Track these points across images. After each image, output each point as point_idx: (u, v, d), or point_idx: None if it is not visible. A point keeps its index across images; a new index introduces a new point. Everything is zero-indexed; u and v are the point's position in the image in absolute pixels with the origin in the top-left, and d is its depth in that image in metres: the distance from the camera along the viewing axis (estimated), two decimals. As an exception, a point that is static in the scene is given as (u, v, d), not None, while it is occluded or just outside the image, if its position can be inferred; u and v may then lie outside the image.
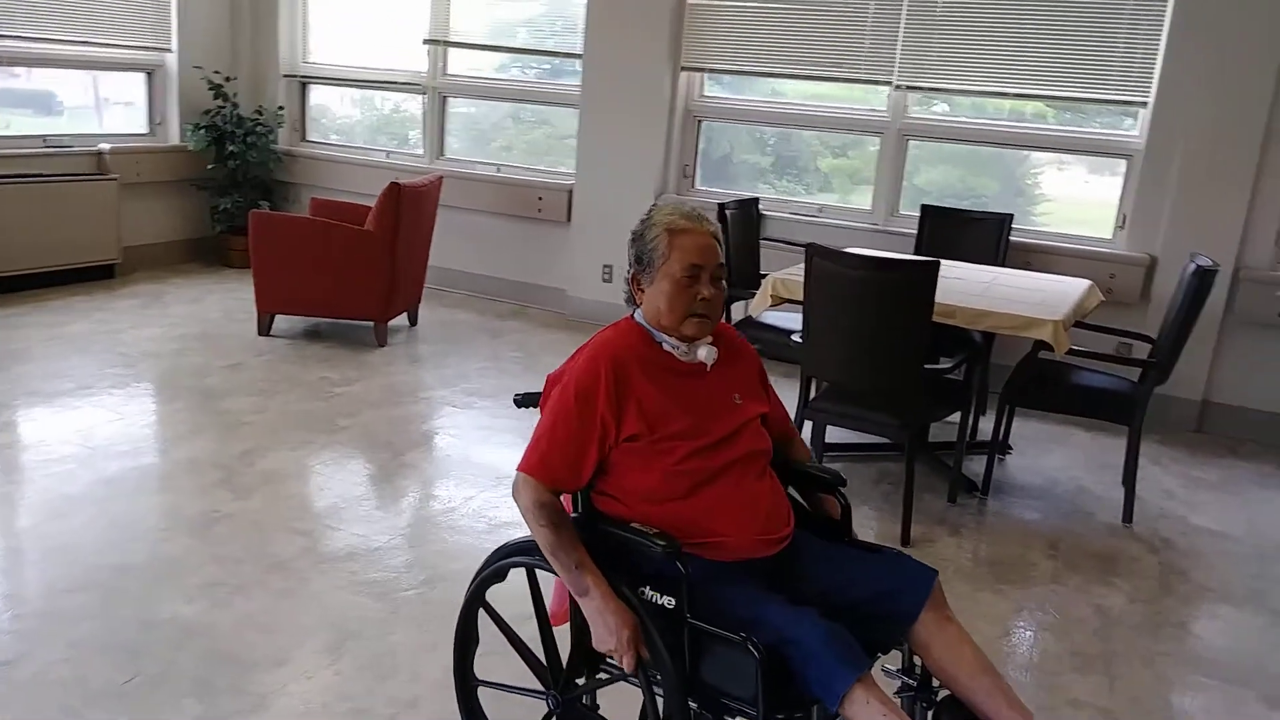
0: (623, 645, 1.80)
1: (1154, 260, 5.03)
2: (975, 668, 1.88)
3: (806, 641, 1.72)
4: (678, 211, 2.02)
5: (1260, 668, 2.96)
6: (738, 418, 2.00)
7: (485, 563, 2.13)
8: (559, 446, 1.92)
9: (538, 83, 6.70)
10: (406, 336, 5.76)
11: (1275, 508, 4.20)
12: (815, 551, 2.02)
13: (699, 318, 1.98)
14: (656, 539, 1.82)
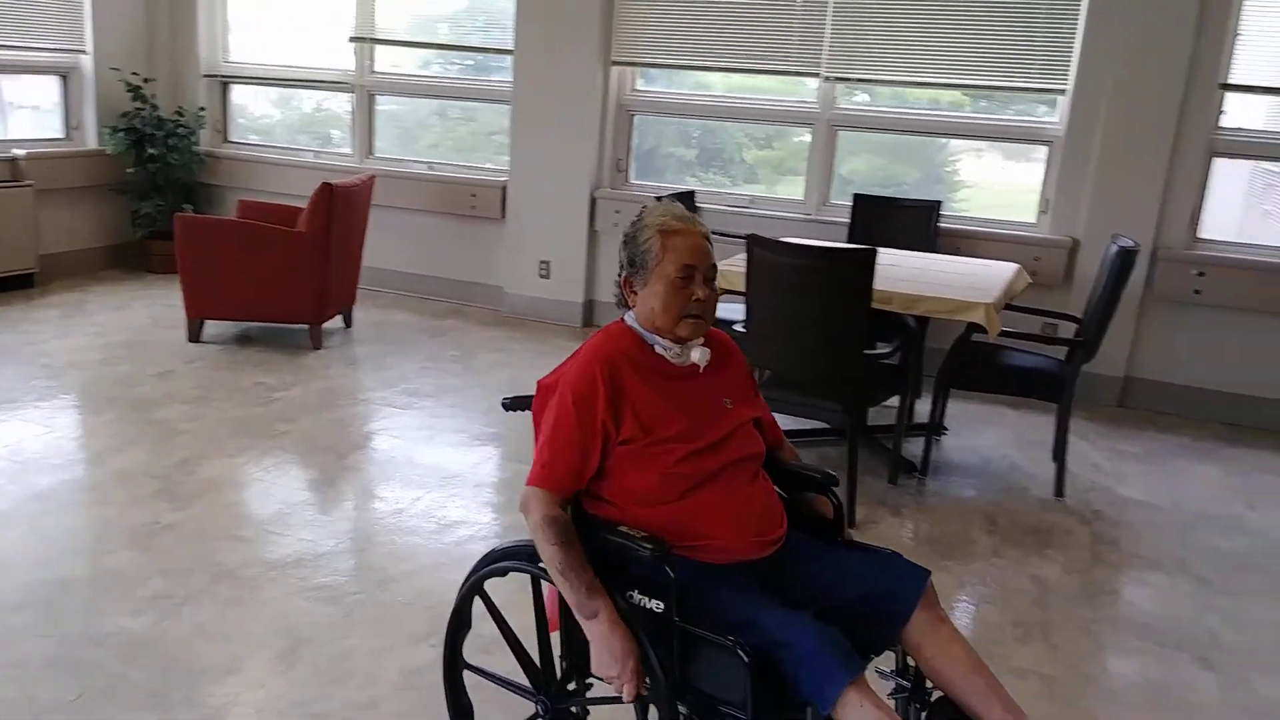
0: (626, 675, 1.77)
1: (1076, 243, 5.19)
2: (967, 667, 1.88)
3: (799, 644, 1.71)
4: (669, 213, 2.01)
5: (1190, 630, 3.09)
6: (730, 421, 2.00)
7: (475, 567, 2.11)
8: (562, 454, 1.91)
9: (468, 79, 6.66)
10: (342, 339, 5.69)
11: (1196, 477, 4.38)
12: (808, 553, 2.01)
13: (693, 318, 1.98)
14: (644, 542, 1.81)
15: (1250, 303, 4.98)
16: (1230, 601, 3.28)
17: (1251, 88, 5.01)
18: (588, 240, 6.11)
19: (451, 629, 2.15)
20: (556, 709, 2.04)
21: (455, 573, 3.12)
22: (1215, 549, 3.66)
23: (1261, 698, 2.74)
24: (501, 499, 3.76)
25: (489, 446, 4.24)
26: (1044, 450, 4.37)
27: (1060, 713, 2.61)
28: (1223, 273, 4.99)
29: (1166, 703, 2.70)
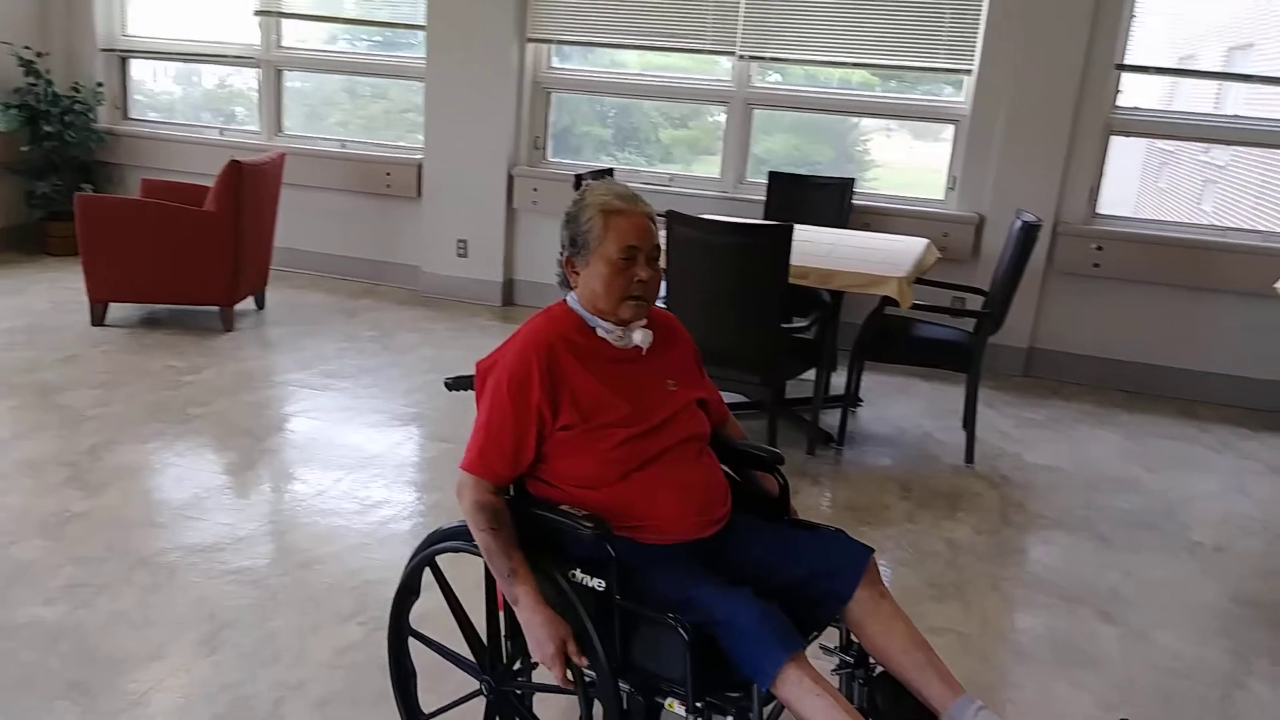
0: (548, 660, 1.79)
1: (982, 219, 5.36)
2: (908, 643, 1.90)
3: (738, 622, 1.72)
4: (611, 192, 1.98)
5: (1092, 585, 3.25)
6: (674, 403, 1.99)
7: (420, 545, 2.09)
8: (496, 440, 1.89)
9: (379, 55, 6.54)
10: (255, 320, 5.57)
11: (1097, 442, 4.58)
12: (753, 531, 2.02)
13: (636, 300, 1.95)
14: (584, 521, 1.81)
15: (1146, 275, 5.21)
16: (1129, 558, 3.45)
17: (1146, 68, 5.23)
18: (506, 219, 6.08)
19: (400, 596, 2.12)
20: (500, 690, 2.03)
21: (380, 552, 3.14)
22: (1115, 509, 3.84)
23: (1158, 647, 2.90)
24: (424, 478, 3.74)
25: (410, 426, 4.22)
26: (954, 419, 4.51)
27: (974, 667, 2.72)
28: (1120, 247, 5.21)
29: (1071, 655, 2.84)
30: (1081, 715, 2.56)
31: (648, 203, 2.01)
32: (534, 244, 6.13)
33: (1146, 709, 2.60)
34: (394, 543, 3.21)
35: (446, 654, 2.12)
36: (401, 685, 2.20)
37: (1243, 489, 4.13)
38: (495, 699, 2.04)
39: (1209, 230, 5.41)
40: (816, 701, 1.67)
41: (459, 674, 2.13)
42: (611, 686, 1.79)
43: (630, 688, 1.83)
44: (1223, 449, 4.59)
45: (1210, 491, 4.07)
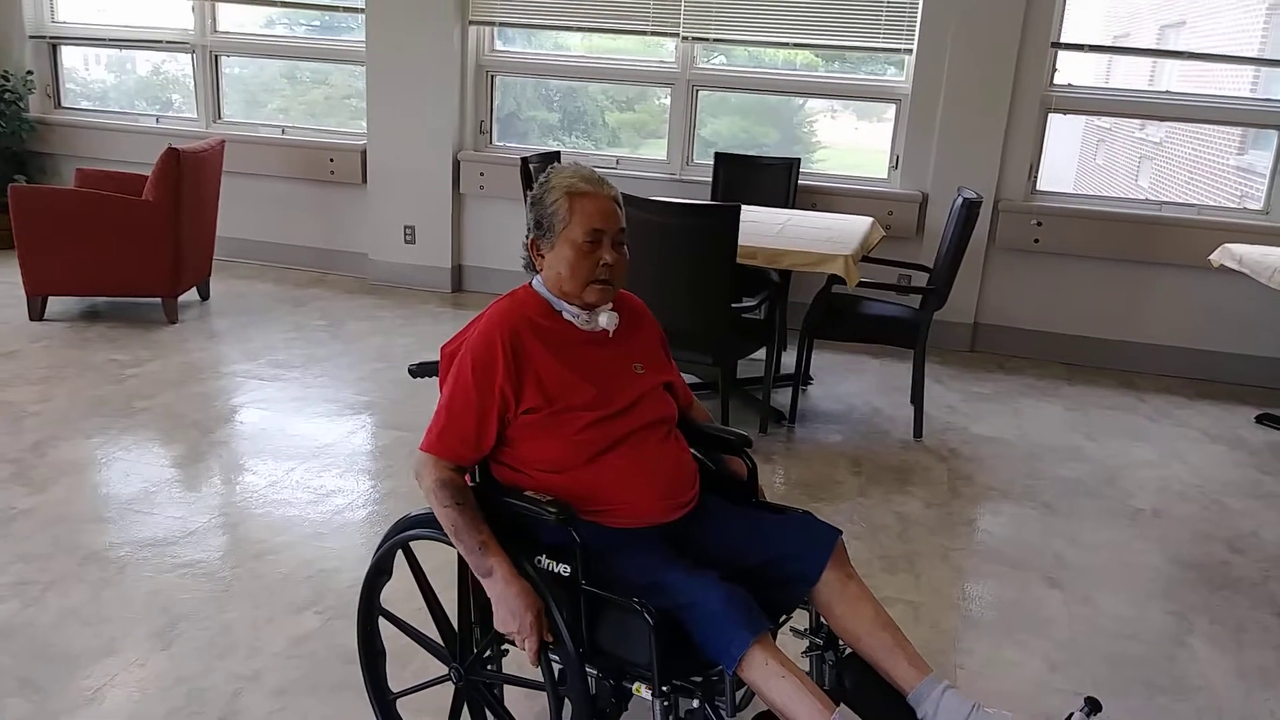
0: (525, 629, 1.77)
1: (925, 196, 5.44)
2: (875, 625, 1.90)
3: (704, 605, 1.72)
4: (577, 175, 1.96)
5: (1038, 552, 3.33)
6: (640, 386, 1.99)
7: (389, 533, 2.06)
8: (457, 422, 1.88)
9: (318, 39, 6.44)
10: (199, 311, 5.48)
11: (1040, 414, 4.69)
12: (721, 515, 2.02)
13: (601, 284, 1.94)
14: (549, 506, 1.80)
15: (1085, 250, 5.33)
16: (1072, 525, 3.55)
17: (1081, 46, 5.33)
18: (453, 204, 6.04)
19: (370, 576, 2.10)
20: (469, 679, 2.02)
21: (334, 541, 3.13)
22: (1058, 478, 3.94)
23: (1101, 610, 2.99)
24: (378, 466, 3.72)
25: (362, 415, 4.18)
26: (903, 395, 4.59)
27: (926, 635, 2.79)
28: (1059, 222, 5.32)
29: (1019, 620, 2.91)
30: (1030, 677, 2.64)
31: (614, 186, 2.00)
32: (482, 229, 6.09)
33: (1092, 670, 2.68)
34: (348, 531, 3.20)
35: (417, 637, 2.10)
36: (370, 664, 2.18)
37: (1179, 456, 4.25)
38: (464, 687, 2.03)
39: (1145, 205, 5.55)
40: (782, 684, 1.68)
41: (426, 657, 2.12)
42: (578, 671, 1.78)
43: (598, 673, 1.83)
44: (1160, 418, 4.73)
45: (1149, 459, 4.19)
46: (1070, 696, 2.56)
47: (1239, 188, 7.31)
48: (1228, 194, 7.60)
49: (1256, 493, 3.91)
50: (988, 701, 1.88)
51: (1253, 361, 5.23)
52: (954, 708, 1.78)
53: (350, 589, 2.85)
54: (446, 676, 2.05)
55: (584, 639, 1.80)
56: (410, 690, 2.16)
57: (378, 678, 2.20)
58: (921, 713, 1.81)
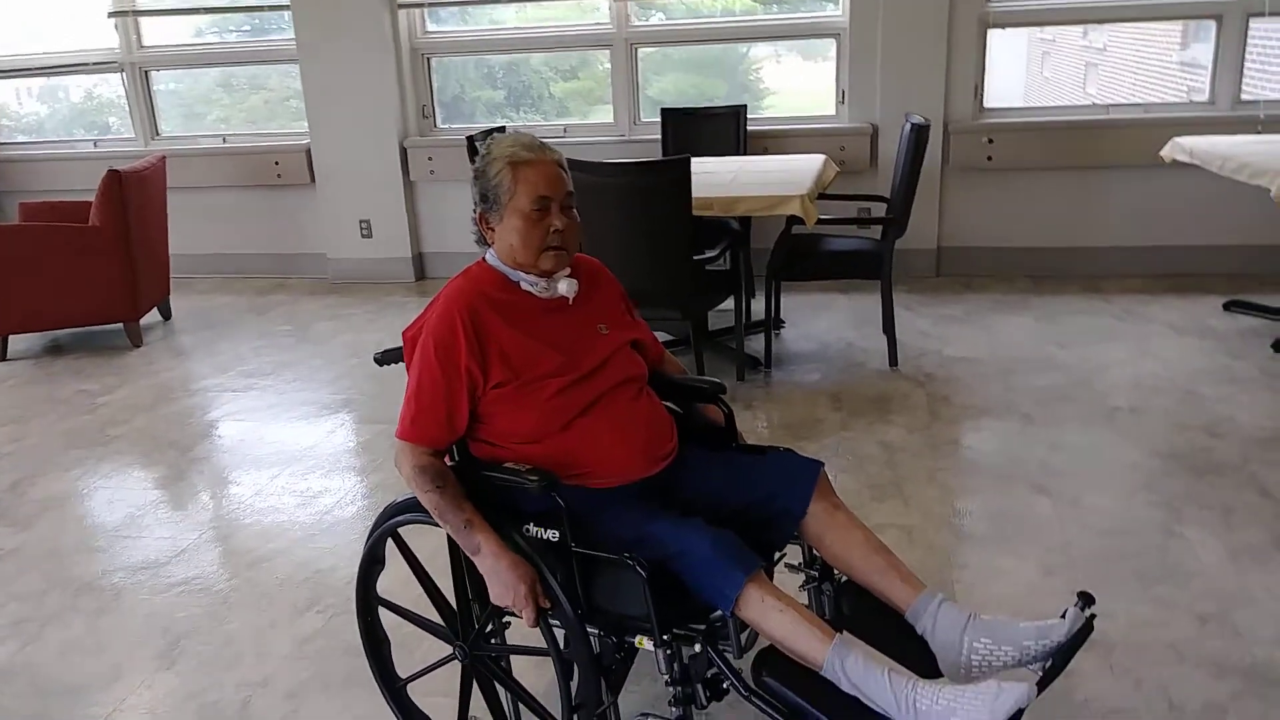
0: (520, 600, 1.78)
1: (875, 128, 5.43)
2: (867, 549, 1.91)
3: (693, 551, 1.72)
4: (518, 143, 1.93)
5: (1022, 462, 3.37)
6: (607, 347, 1.98)
7: (377, 521, 2.06)
8: (428, 406, 1.88)
9: (248, 42, 6.34)
10: (163, 332, 5.42)
11: (1010, 327, 4.72)
12: (701, 462, 2.02)
13: (554, 250, 1.92)
14: (529, 475, 1.80)
15: (1038, 162, 5.34)
16: (1053, 432, 3.59)
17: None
18: (405, 193, 5.98)
19: (364, 567, 2.10)
20: (474, 655, 2.02)
21: (327, 540, 3.12)
22: (1035, 388, 3.98)
23: (1089, 510, 3.04)
24: (362, 461, 3.71)
25: (340, 413, 4.17)
26: (875, 327, 4.60)
27: (921, 555, 2.82)
28: (1010, 137, 5.33)
29: (1010, 530, 2.95)
30: (1025, 583, 2.68)
31: (556, 150, 1.97)
32: (438, 215, 6.04)
33: (1086, 569, 2.73)
34: (340, 530, 3.19)
35: (418, 621, 2.10)
36: (375, 653, 2.18)
37: (1150, 352, 4.30)
38: (470, 663, 2.03)
39: (1094, 110, 5.58)
40: (781, 617, 1.69)
41: (432, 641, 2.12)
42: (580, 633, 1.79)
43: (600, 631, 1.84)
44: (1127, 317, 4.77)
45: (1120, 358, 4.24)
46: (1065, 596, 2.59)
47: (1185, 83, 7.33)
48: (1175, 91, 7.62)
49: (1229, 378, 3.96)
50: (985, 610, 1.91)
51: (1214, 251, 5.28)
52: (951, 619, 1.80)
53: (349, 585, 2.82)
54: (452, 656, 2.05)
55: (581, 600, 1.81)
56: (418, 674, 2.16)
57: (385, 666, 2.20)
58: (920, 628, 1.83)
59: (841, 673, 1.65)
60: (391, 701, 2.20)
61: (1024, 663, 1.75)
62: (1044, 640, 1.74)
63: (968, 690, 1.60)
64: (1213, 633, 2.43)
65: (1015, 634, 1.76)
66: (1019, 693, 1.56)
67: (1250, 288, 4.98)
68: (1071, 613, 1.76)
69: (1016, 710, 1.55)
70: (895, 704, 1.61)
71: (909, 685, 1.62)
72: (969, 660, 1.77)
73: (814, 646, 1.68)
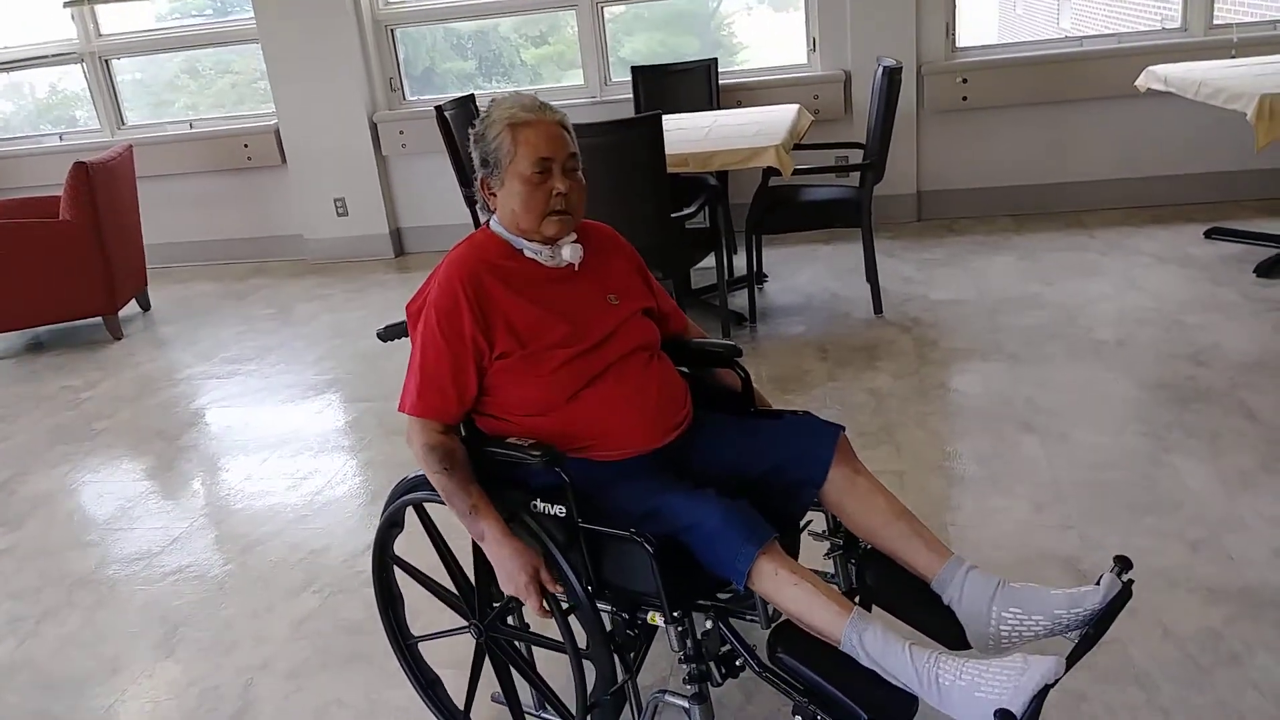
0: (521, 590, 1.74)
1: (848, 74, 5.38)
2: (889, 516, 1.83)
3: (704, 524, 1.67)
4: (517, 104, 1.86)
5: (1010, 401, 3.37)
6: (615, 317, 1.91)
7: (386, 503, 2.03)
8: (433, 379, 1.82)
9: (207, 24, 6.23)
10: (143, 323, 5.38)
11: (993, 267, 4.71)
12: (717, 429, 1.96)
13: (558, 215, 1.85)
14: (532, 450, 1.75)
15: (1014, 99, 5.30)
16: (1040, 370, 3.59)
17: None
18: (378, 168, 5.91)
19: (382, 530, 2.05)
20: (490, 635, 1.96)
21: (320, 521, 3.12)
22: (1020, 327, 3.98)
23: (1078, 445, 3.04)
24: (351, 440, 3.70)
25: (327, 393, 4.14)
26: (858, 275, 4.58)
27: (913, 500, 2.78)
28: (984, 76, 5.28)
29: (1001, 469, 2.96)
30: (1017, 521, 2.69)
31: (558, 109, 1.90)
32: (413, 188, 5.98)
33: (1077, 503, 2.73)
34: (332, 509, 3.18)
35: (433, 587, 2.05)
36: (388, 609, 2.14)
37: (1134, 283, 4.30)
38: (486, 642, 1.97)
39: (1067, 43, 5.51)
40: (795, 591, 1.63)
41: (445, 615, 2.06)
42: (590, 611, 1.75)
43: (612, 608, 1.80)
44: (1110, 250, 4.76)
45: (1105, 292, 4.23)
46: (1058, 531, 2.61)
47: (1157, 11, 7.27)
48: (1147, 19, 7.57)
49: (1213, 305, 3.96)
50: (979, 549, 1.92)
51: (1193, 179, 5.26)
52: (979, 587, 1.73)
53: (344, 564, 2.87)
54: (466, 629, 1.99)
55: (590, 577, 1.77)
56: (431, 636, 2.11)
57: (398, 621, 2.15)
58: (947, 598, 1.76)
59: (860, 647, 1.59)
60: (402, 656, 2.16)
61: (1056, 633, 1.67)
62: (1077, 609, 1.64)
63: (993, 664, 1.52)
64: (1204, 559, 2.44)
65: (1046, 602, 1.67)
66: (1046, 667, 1.47)
67: (1230, 214, 4.98)
68: (1107, 578, 1.66)
69: (1043, 686, 1.47)
70: (917, 679, 1.55)
71: (931, 660, 1.55)
72: (998, 631, 1.69)
73: (831, 620, 1.62)
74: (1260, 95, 3.74)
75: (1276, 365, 3.39)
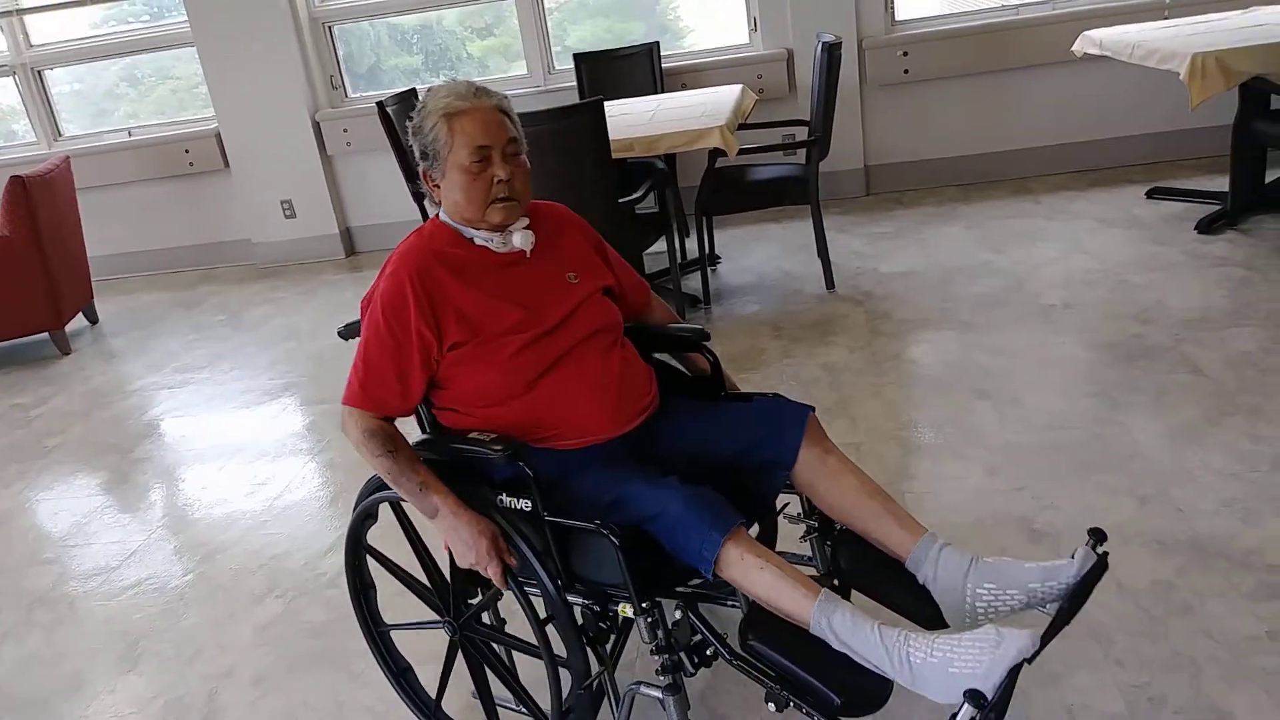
0: (482, 556, 1.72)
1: (790, 52, 5.39)
2: (861, 495, 1.81)
3: (668, 512, 1.65)
4: (452, 92, 1.82)
5: (962, 369, 3.41)
6: (573, 297, 1.88)
7: (358, 498, 1.99)
8: (376, 371, 1.80)
9: (140, 29, 6.11)
10: (92, 336, 5.29)
11: (942, 238, 4.75)
12: (684, 414, 1.94)
13: (502, 202, 1.82)
14: (493, 445, 1.72)
15: (954, 70, 5.34)
16: (991, 336, 3.63)
17: None
18: (324, 168, 5.85)
19: (356, 520, 2.02)
20: (464, 633, 1.95)
21: (280, 526, 3.10)
22: (970, 295, 4.02)
23: (1030, 409, 3.09)
24: (309, 443, 3.66)
25: (282, 398, 4.10)
26: (810, 253, 4.60)
27: (871, 470, 2.76)
28: (924, 48, 5.31)
29: (955, 436, 3.00)
30: (972, 486, 2.72)
31: (496, 93, 1.86)
32: (361, 187, 5.92)
33: (1030, 466, 2.78)
34: (291, 514, 3.16)
35: (406, 580, 2.02)
36: (360, 596, 2.11)
37: (1080, 246, 4.36)
38: (459, 640, 1.95)
39: (1004, 11, 5.56)
40: (761, 575, 1.62)
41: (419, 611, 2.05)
42: (561, 604, 1.73)
43: (584, 601, 1.79)
44: (1056, 215, 4.82)
45: (1052, 256, 4.29)
46: (1012, 493, 2.65)
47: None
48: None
49: (1156, 264, 4.03)
50: (936, 515, 1.93)
51: (1133, 141, 5.33)
52: (953, 565, 1.71)
53: (305, 567, 2.85)
54: (438, 624, 1.97)
55: (559, 569, 1.75)
56: (404, 625, 2.09)
57: (370, 609, 2.13)
58: (922, 577, 1.74)
59: (829, 630, 1.58)
60: (373, 643, 2.13)
61: (1032, 605, 1.66)
62: (1051, 582, 1.63)
63: (964, 638, 1.51)
64: (1154, 512, 2.49)
65: (1020, 576, 1.66)
66: (1021, 640, 1.46)
67: (1171, 173, 5.06)
68: (1081, 552, 1.65)
69: (1020, 659, 1.46)
70: (888, 659, 1.54)
71: (901, 638, 1.54)
72: (973, 607, 1.68)
73: (799, 604, 1.61)
74: (1192, 54, 3.80)
75: (1218, 319, 3.47)
